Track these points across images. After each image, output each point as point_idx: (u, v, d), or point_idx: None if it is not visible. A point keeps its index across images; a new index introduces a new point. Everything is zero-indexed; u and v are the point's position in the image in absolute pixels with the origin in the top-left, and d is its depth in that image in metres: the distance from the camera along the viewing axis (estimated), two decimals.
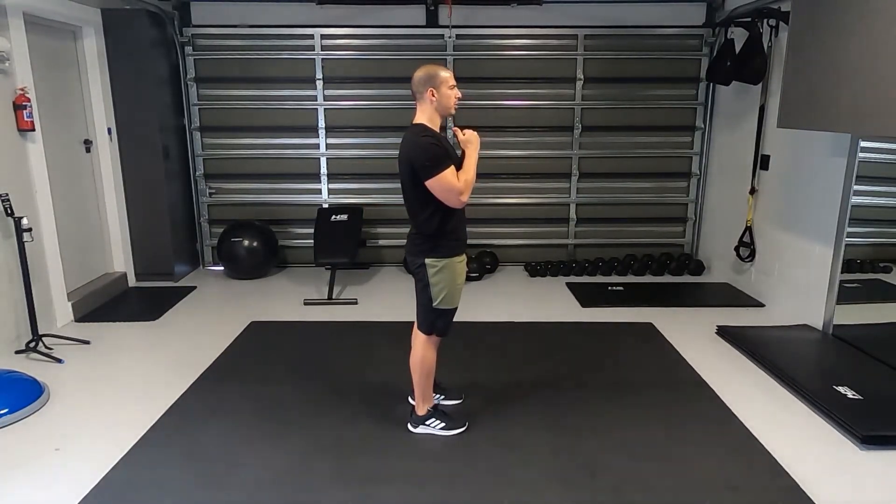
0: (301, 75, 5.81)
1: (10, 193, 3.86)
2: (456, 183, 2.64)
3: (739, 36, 5.05)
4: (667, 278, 5.83)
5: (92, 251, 5.13)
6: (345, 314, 4.77)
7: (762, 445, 2.90)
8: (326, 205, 6.03)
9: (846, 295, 4.11)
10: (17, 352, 3.92)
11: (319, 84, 5.82)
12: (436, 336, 2.93)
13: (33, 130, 4.14)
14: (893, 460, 2.81)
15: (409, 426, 3.04)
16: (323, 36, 5.74)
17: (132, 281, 5.50)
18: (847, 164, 3.98)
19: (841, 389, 3.33)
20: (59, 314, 4.46)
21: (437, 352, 3.00)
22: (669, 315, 4.71)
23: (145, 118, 5.30)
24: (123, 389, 3.50)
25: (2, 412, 3.09)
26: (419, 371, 2.95)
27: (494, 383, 3.55)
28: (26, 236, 3.88)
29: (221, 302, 5.14)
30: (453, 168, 2.66)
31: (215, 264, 6.06)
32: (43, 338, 3.99)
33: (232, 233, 5.65)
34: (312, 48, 5.75)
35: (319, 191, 6.06)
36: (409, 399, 3.18)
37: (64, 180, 4.69)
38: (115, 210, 5.30)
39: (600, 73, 5.84)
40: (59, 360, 3.84)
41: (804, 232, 4.45)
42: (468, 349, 3.99)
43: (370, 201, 6.03)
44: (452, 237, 2.79)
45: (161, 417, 3.16)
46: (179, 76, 5.73)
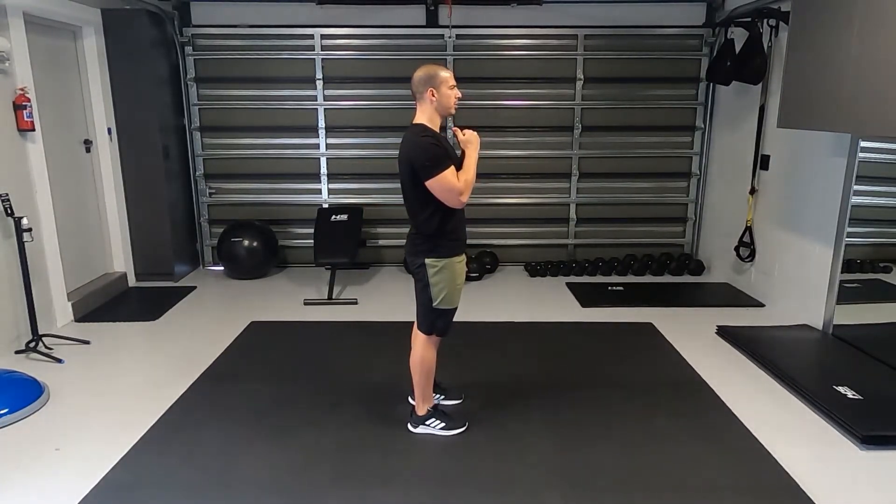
0: (301, 75, 5.81)
1: (10, 193, 3.86)
2: (456, 183, 2.64)
3: (739, 36, 5.05)
4: (667, 278, 5.83)
5: (92, 251, 5.14)
6: (345, 314, 4.78)
7: (762, 445, 2.90)
8: (326, 205, 6.03)
9: (846, 295, 4.11)
10: (17, 352, 3.92)
11: (319, 84, 5.82)
12: (436, 336, 2.93)
13: (33, 130, 4.14)
14: (893, 460, 2.81)
15: (409, 426, 3.04)
16: (323, 36, 5.74)
17: (132, 281, 5.50)
18: (847, 164, 3.98)
19: (841, 389, 3.33)
20: (59, 314, 4.46)
21: (437, 352, 3.00)
22: (669, 315, 4.71)
23: (145, 118, 5.30)
24: (123, 389, 3.50)
25: (2, 412, 3.10)
26: (419, 371, 2.95)
27: (494, 383, 3.55)
28: (26, 236, 3.88)
29: (221, 302, 5.14)
30: (453, 168, 2.66)
31: (215, 264, 6.06)
32: (43, 338, 4.00)
33: (232, 233, 5.65)
34: (312, 48, 5.76)
35: (319, 191, 6.06)
36: (409, 399, 3.19)
37: (64, 180, 4.69)
38: (115, 210, 5.30)
39: (600, 73, 5.84)
40: (59, 360, 3.84)
41: (804, 232, 4.45)
42: (468, 349, 3.99)
43: (370, 201, 6.03)
44: (452, 237, 2.79)
45: (161, 417, 3.16)
46: (179, 76, 5.73)
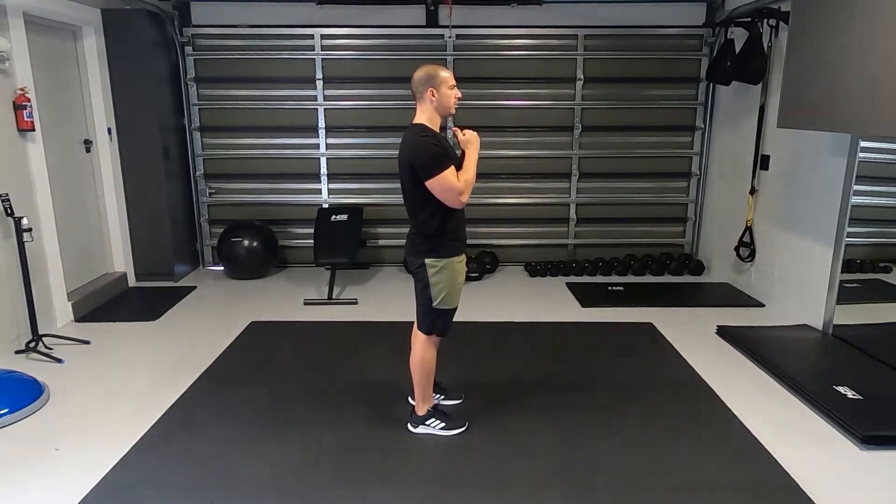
0: (301, 75, 5.81)
1: (10, 193, 3.86)
2: (456, 183, 2.64)
3: (739, 36, 5.05)
4: (667, 278, 5.83)
5: (92, 251, 5.13)
6: (345, 314, 4.78)
7: (762, 445, 2.90)
8: (326, 205, 6.03)
9: (846, 295, 4.11)
10: (17, 352, 3.92)
11: (319, 84, 5.82)
12: (436, 336, 2.93)
13: (33, 130, 4.15)
14: (893, 460, 2.81)
15: (409, 426, 3.04)
16: (323, 36, 5.74)
17: (132, 281, 5.50)
18: (847, 164, 3.97)
19: (841, 389, 3.33)
20: (59, 314, 4.46)
21: (437, 352, 3.00)
22: (669, 315, 4.71)
23: (145, 118, 5.30)
24: (123, 389, 3.50)
25: (2, 412, 3.09)
26: (419, 371, 2.95)
27: (494, 383, 3.55)
28: (26, 236, 3.88)
29: (221, 302, 5.14)
30: (453, 168, 2.66)
31: (215, 264, 6.06)
32: (43, 338, 4.00)
33: (232, 233, 5.65)
34: (312, 48, 5.76)
35: (319, 191, 6.06)
36: (409, 399, 3.18)
37: (64, 180, 4.69)
38: (115, 210, 5.30)
39: (600, 73, 5.84)
40: (59, 360, 3.84)
41: (804, 232, 4.45)
42: (468, 349, 3.99)
43: (370, 201, 6.03)
44: (452, 237, 2.79)
45: (161, 417, 3.16)
46: (179, 76, 5.73)
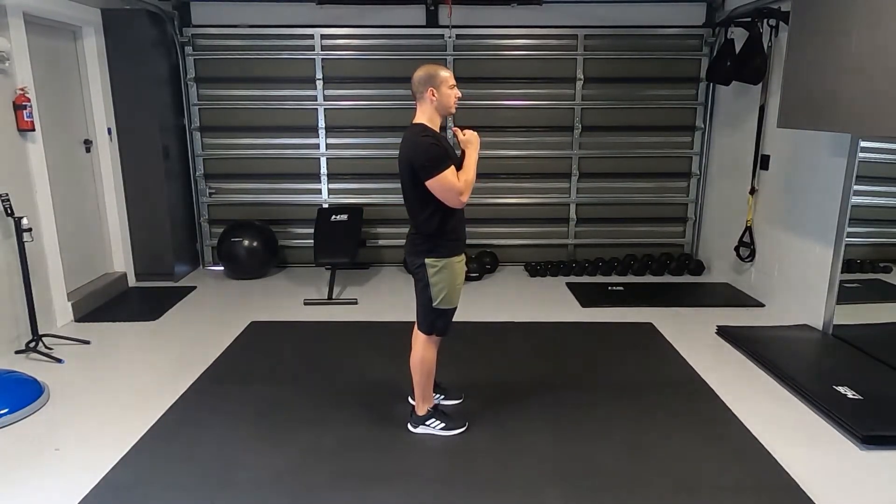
0: (301, 75, 5.81)
1: (10, 193, 3.86)
2: (456, 183, 2.64)
3: (739, 36, 5.05)
4: (667, 278, 5.83)
5: (92, 251, 5.13)
6: (345, 314, 4.78)
7: (762, 445, 2.90)
8: (326, 205, 6.03)
9: (846, 295, 4.11)
10: (17, 352, 3.92)
11: (319, 84, 5.82)
12: (436, 336, 2.93)
13: (33, 130, 4.14)
14: (893, 460, 2.81)
15: (409, 426, 3.04)
16: (323, 36, 5.74)
17: (132, 281, 5.50)
18: (847, 164, 3.97)
19: (841, 389, 3.33)
20: (59, 314, 4.46)
21: (437, 352, 3.00)
22: (669, 315, 4.71)
23: (145, 118, 5.30)
24: (123, 389, 3.50)
25: (2, 412, 3.09)
26: (419, 371, 2.95)
27: (494, 383, 3.55)
28: (26, 236, 3.88)
29: (221, 302, 5.14)
30: (453, 168, 2.66)
31: (215, 264, 6.06)
32: (43, 338, 4.00)
33: (232, 233, 5.65)
34: (312, 48, 5.76)
35: (319, 191, 6.06)
36: (409, 399, 3.18)
37: (64, 180, 4.69)
38: (115, 210, 5.30)
39: (600, 73, 5.84)
40: (59, 360, 3.84)
41: (804, 232, 4.45)
42: (468, 349, 3.99)
43: (370, 201, 6.03)
44: (452, 237, 2.79)
45: (161, 417, 3.16)
46: (179, 76, 5.73)
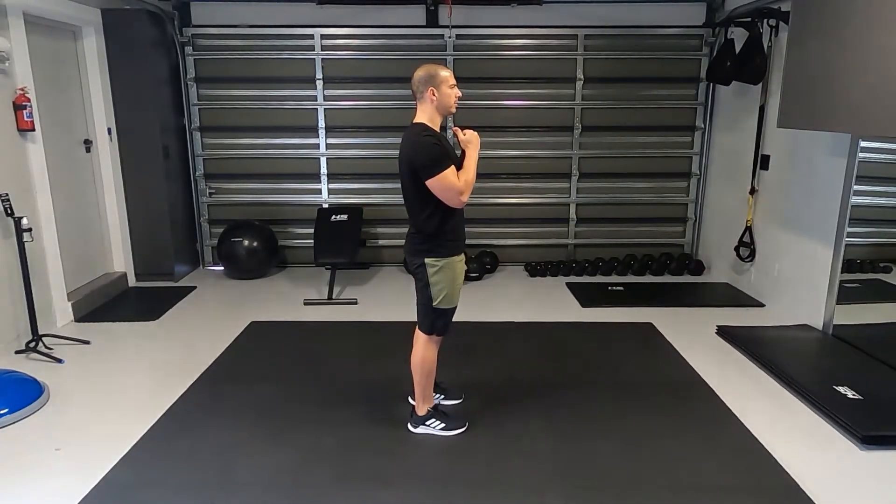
0: (301, 75, 5.81)
1: (10, 193, 3.86)
2: (456, 182, 2.64)
3: (739, 36, 5.05)
4: (667, 278, 5.83)
5: (92, 251, 5.13)
6: (345, 314, 4.77)
7: (762, 445, 2.90)
8: (326, 205, 6.03)
9: (846, 295, 4.11)
10: (17, 352, 3.92)
11: (319, 84, 5.82)
12: (436, 335, 2.93)
13: (33, 130, 4.14)
14: (893, 460, 2.81)
15: (409, 426, 3.04)
16: (323, 36, 5.74)
17: (132, 281, 5.50)
18: (847, 164, 3.97)
19: (841, 389, 3.33)
20: (59, 314, 4.46)
21: (438, 352, 3.00)
22: (669, 315, 4.71)
23: (145, 118, 5.30)
24: (123, 389, 3.50)
25: (2, 412, 3.09)
26: (420, 371, 2.95)
27: (494, 383, 3.55)
28: (26, 236, 3.88)
29: (221, 302, 5.14)
30: (454, 168, 2.66)
31: (215, 264, 6.06)
32: (43, 338, 4.00)
33: (232, 233, 5.65)
34: (312, 48, 5.76)
35: (319, 191, 6.06)
36: (409, 399, 3.18)
37: (64, 180, 4.69)
38: (115, 210, 5.30)
39: (600, 73, 5.84)
40: (59, 360, 3.84)
41: (804, 232, 4.45)
42: (468, 349, 3.99)
43: (370, 201, 6.03)
44: (452, 237, 2.79)
45: (161, 417, 3.16)
46: (179, 76, 5.73)
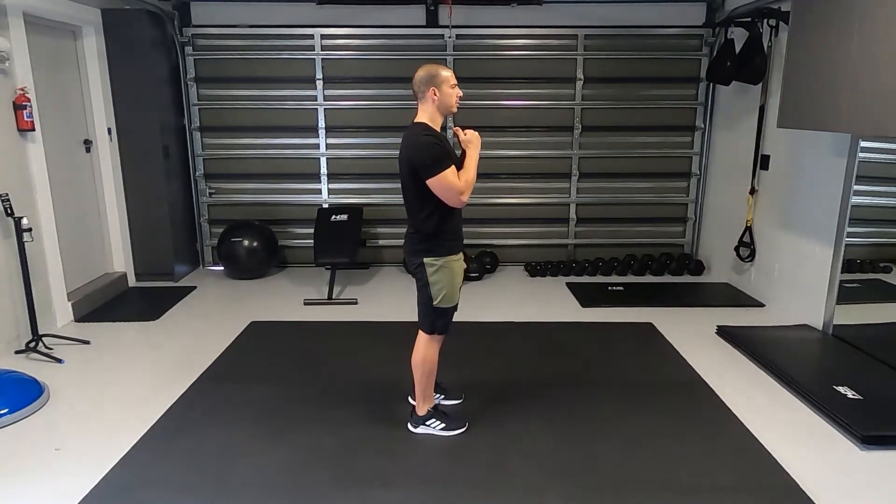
0: (301, 75, 5.81)
1: (10, 193, 3.86)
2: (457, 182, 2.64)
3: (739, 36, 5.05)
4: (667, 278, 5.83)
5: (92, 251, 5.13)
6: (345, 314, 4.77)
7: (762, 445, 2.90)
8: (326, 205, 6.03)
9: (846, 295, 4.11)
10: (17, 352, 3.92)
11: (319, 84, 5.82)
12: (437, 335, 2.93)
13: (33, 130, 4.14)
14: (893, 460, 2.81)
15: (410, 426, 3.04)
16: (323, 36, 5.74)
17: (132, 281, 5.50)
18: (847, 164, 3.97)
19: (841, 389, 3.33)
20: (59, 314, 4.46)
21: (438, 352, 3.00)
22: (669, 315, 4.71)
23: (145, 118, 5.30)
24: (123, 389, 3.50)
25: (2, 412, 3.09)
26: (421, 370, 2.94)
27: (494, 383, 3.55)
28: (26, 236, 3.88)
29: (221, 302, 5.14)
30: (454, 168, 2.67)
31: (215, 264, 6.06)
32: (43, 338, 3.99)
33: (232, 233, 5.65)
34: (312, 48, 5.75)
35: (319, 191, 6.06)
36: (410, 399, 3.19)
37: (64, 180, 4.69)
38: (115, 210, 5.30)
39: (600, 73, 5.84)
40: (59, 360, 3.84)
41: (804, 232, 4.45)
42: (468, 349, 3.98)
43: (370, 201, 6.03)
44: (450, 236, 2.80)
45: (161, 417, 3.16)
46: (179, 76, 5.73)
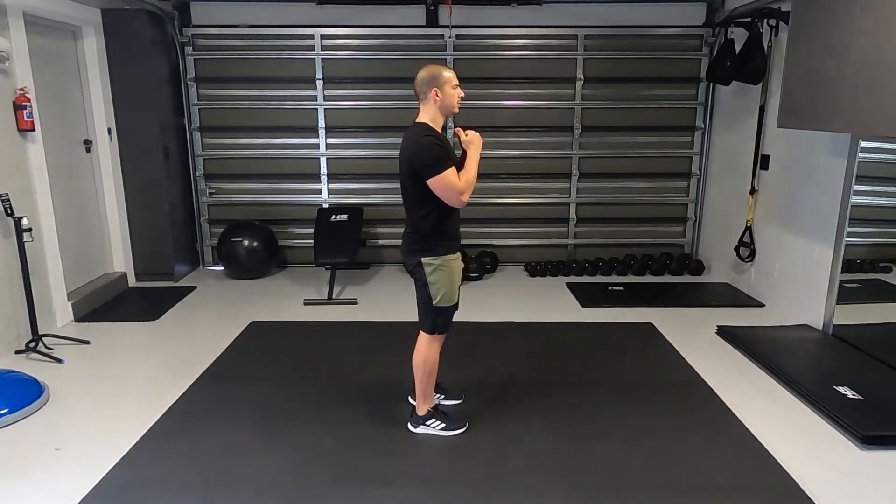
0: (301, 75, 5.81)
1: (10, 193, 3.86)
2: (457, 183, 2.65)
3: (739, 36, 5.05)
4: (667, 278, 5.83)
5: (92, 251, 5.13)
6: (345, 314, 4.77)
7: (762, 445, 2.90)
8: (326, 205, 6.03)
9: (846, 295, 4.11)
10: (17, 352, 3.92)
11: (319, 84, 5.81)
12: (438, 334, 2.93)
13: (33, 130, 4.14)
14: (893, 460, 2.81)
15: (410, 426, 3.04)
16: (323, 36, 5.74)
17: (132, 281, 5.50)
18: (847, 164, 3.97)
19: (841, 389, 3.33)
20: (59, 314, 4.46)
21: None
22: (669, 315, 4.71)
23: (145, 118, 5.30)
24: (123, 389, 3.50)
25: (2, 412, 3.09)
26: (422, 370, 2.94)
27: (494, 383, 3.55)
28: (26, 236, 3.88)
29: (221, 302, 5.14)
30: (454, 168, 2.67)
31: (215, 264, 6.06)
32: (43, 338, 3.99)
33: (232, 233, 5.65)
34: (312, 48, 5.75)
35: (319, 191, 6.06)
36: (409, 399, 3.19)
37: (64, 180, 4.69)
38: (115, 210, 5.30)
39: (600, 73, 5.84)
40: (59, 360, 3.84)
41: (804, 232, 4.45)
42: (468, 349, 3.98)
43: (370, 201, 6.03)
44: (448, 236, 2.81)
45: (161, 417, 3.16)
46: (179, 76, 5.73)
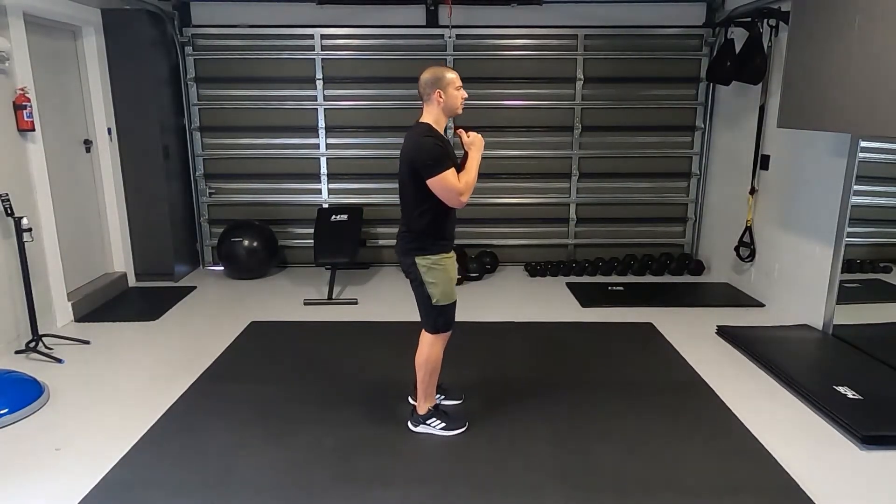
0: (301, 75, 5.81)
1: (10, 193, 3.86)
2: (457, 183, 2.66)
3: (739, 36, 5.05)
4: (667, 278, 5.83)
5: (92, 251, 5.13)
6: (345, 314, 4.78)
7: (762, 445, 2.90)
8: (326, 205, 6.03)
9: (846, 295, 4.11)
10: (17, 352, 3.92)
11: (319, 84, 5.82)
12: (441, 333, 2.93)
13: (33, 130, 4.14)
14: (893, 460, 2.81)
15: (410, 425, 3.04)
16: (323, 36, 5.74)
17: (132, 281, 5.50)
18: (847, 164, 3.97)
19: (841, 389, 3.33)
20: (59, 314, 4.46)
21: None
22: (669, 315, 4.71)
23: (145, 118, 5.30)
24: (123, 389, 3.50)
25: (2, 412, 3.09)
26: (424, 369, 2.95)
27: (494, 383, 3.55)
28: (26, 236, 3.88)
29: (221, 302, 5.14)
30: (454, 169, 2.68)
31: (215, 264, 6.06)
32: (43, 338, 3.99)
33: (232, 233, 5.65)
34: (312, 48, 5.75)
35: (319, 191, 6.06)
36: (410, 399, 3.19)
37: (64, 180, 4.69)
38: (115, 210, 5.30)
39: (600, 73, 5.84)
40: (59, 360, 3.84)
41: (804, 232, 4.45)
42: (468, 349, 3.98)
43: (370, 201, 6.03)
44: (442, 235, 2.82)
45: (161, 417, 3.16)
46: (179, 76, 5.73)
